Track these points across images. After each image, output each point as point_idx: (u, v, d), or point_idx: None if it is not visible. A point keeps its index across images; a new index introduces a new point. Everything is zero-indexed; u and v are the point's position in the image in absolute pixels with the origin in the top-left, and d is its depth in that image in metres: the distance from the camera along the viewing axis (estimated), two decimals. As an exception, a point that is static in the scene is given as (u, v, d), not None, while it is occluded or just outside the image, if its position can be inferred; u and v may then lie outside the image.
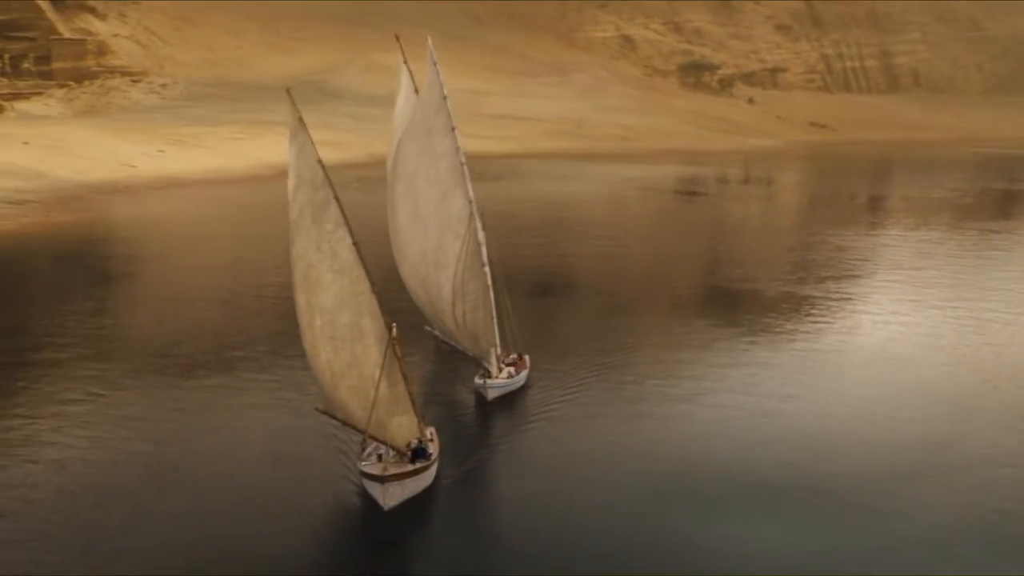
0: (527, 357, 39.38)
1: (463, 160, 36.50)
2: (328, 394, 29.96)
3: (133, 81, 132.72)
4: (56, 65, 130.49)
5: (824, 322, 49.02)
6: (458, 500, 29.34)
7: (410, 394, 29.56)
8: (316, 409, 30.71)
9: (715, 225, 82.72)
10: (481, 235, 36.88)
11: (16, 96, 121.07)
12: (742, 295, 54.67)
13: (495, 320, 37.62)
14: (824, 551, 26.42)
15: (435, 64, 36.25)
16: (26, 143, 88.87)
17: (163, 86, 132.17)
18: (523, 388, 37.73)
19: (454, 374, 39.15)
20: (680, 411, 36.01)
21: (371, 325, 28.84)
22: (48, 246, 61.82)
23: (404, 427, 29.73)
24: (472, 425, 35.06)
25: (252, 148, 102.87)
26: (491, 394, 36.41)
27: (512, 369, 37.99)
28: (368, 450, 29.73)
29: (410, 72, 38.08)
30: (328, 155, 34.79)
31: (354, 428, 29.66)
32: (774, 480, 30.33)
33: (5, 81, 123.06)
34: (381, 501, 27.95)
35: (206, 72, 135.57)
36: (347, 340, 29.12)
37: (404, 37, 40.16)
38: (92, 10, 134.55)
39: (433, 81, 36.43)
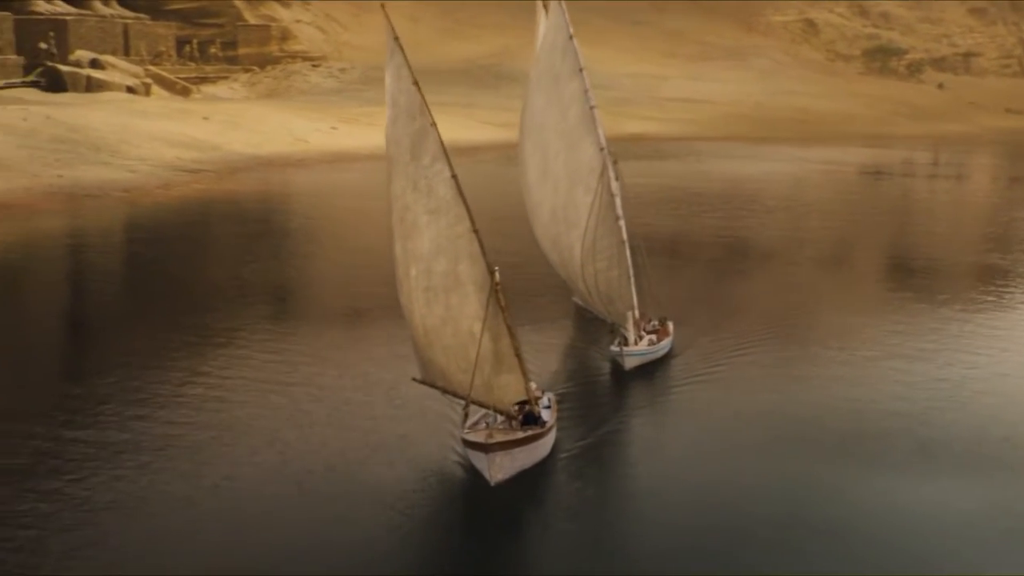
0: (670, 324, 34.92)
1: (593, 104, 32.48)
2: (424, 357, 25.96)
3: (313, 66, 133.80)
4: (241, 51, 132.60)
5: (1017, 293, 44.13)
6: (580, 477, 24.89)
7: (516, 349, 24.84)
8: (413, 379, 26.58)
9: (901, 202, 77.62)
10: (615, 186, 32.49)
11: (203, 80, 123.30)
12: (928, 266, 49.92)
13: (632, 280, 33.22)
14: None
15: (561, 3, 32.63)
16: (205, 118, 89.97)
17: (341, 70, 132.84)
18: (666, 357, 33.37)
19: (590, 342, 35.09)
20: (851, 377, 31.42)
21: (470, 271, 24.31)
22: (216, 208, 63.16)
23: (510, 387, 25.15)
24: (603, 396, 30.80)
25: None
26: (629, 363, 32.09)
27: (654, 337, 33.65)
28: (473, 419, 25.54)
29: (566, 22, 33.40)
30: (499, 135, 33.46)
31: (455, 395, 25.62)
32: (965, 448, 26.15)
33: (193, 66, 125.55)
34: (487, 474, 23.67)
35: (383, 57, 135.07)
36: (441, 291, 24.76)
37: (581, 23, 37.72)
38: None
39: (558, 23, 32.78)
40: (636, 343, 33.03)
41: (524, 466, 24.27)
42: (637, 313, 33.48)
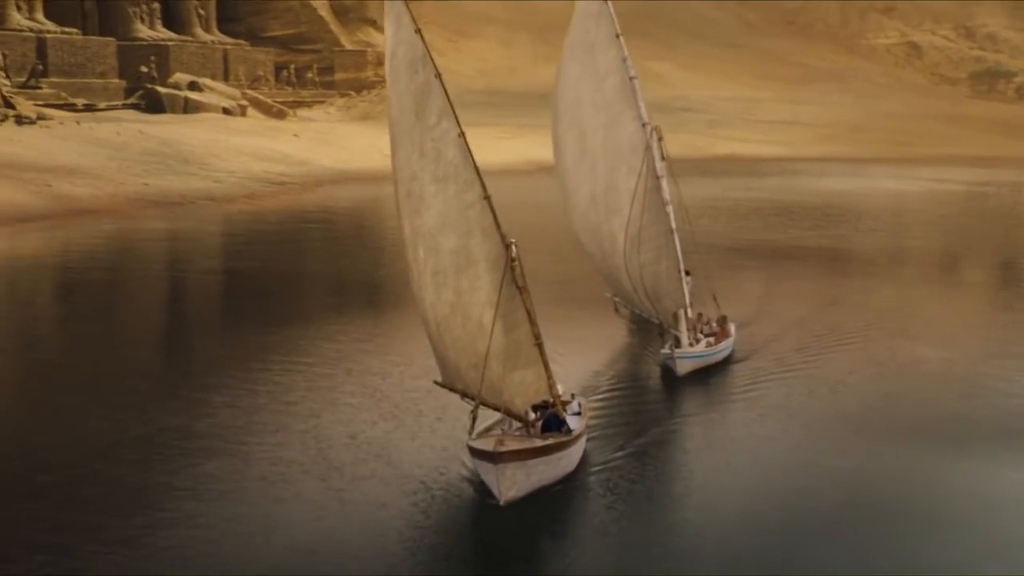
0: (732, 325, 31.36)
1: (633, 74, 29.25)
2: (438, 355, 22.26)
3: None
4: (338, 75, 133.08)
5: None
6: (610, 496, 20.70)
7: (536, 338, 20.79)
8: (435, 383, 23.09)
9: (1008, 217, 73.91)
10: (660, 166, 28.82)
11: (299, 104, 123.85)
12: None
13: (683, 273, 29.67)
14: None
15: None
16: (295, 135, 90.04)
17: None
18: (726, 361, 29.95)
19: (639, 345, 32.23)
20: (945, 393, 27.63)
21: (482, 246, 20.45)
22: (300, 215, 63.73)
23: (527, 386, 21.06)
24: (648, 403, 27.03)
25: (513, 146, 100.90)
26: (681, 368, 28.42)
27: (712, 339, 30.06)
28: (486, 425, 21.65)
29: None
30: None
31: (466, 396, 21.81)
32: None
33: (290, 90, 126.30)
34: (496, 490, 19.57)
35: (478, 81, 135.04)
36: (451, 272, 20.83)
37: (676, 47, 35.84)
38: (373, 23, 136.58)
39: None
40: (692, 345, 29.51)
41: (543, 482, 20.21)
42: (690, 311, 29.95)
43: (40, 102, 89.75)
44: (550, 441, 20.60)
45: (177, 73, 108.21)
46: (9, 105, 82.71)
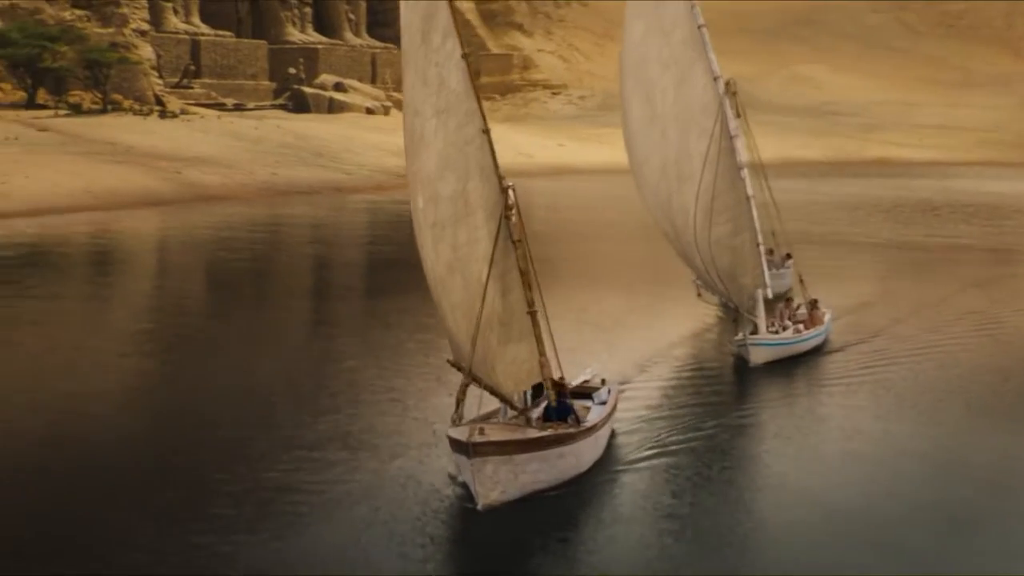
0: (827, 313, 27.92)
1: (702, 22, 26.04)
2: (443, 326, 19.07)
3: (553, 94, 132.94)
4: (484, 79, 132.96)
5: None
6: (626, 506, 16.96)
7: (529, 304, 17.62)
8: (447, 361, 19.47)
9: None
10: (734, 125, 25.53)
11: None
12: None
13: (760, 247, 26.11)
14: None
15: None
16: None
17: (581, 98, 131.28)
18: (815, 351, 26.57)
19: (711, 333, 29.29)
20: None
21: (480, 191, 17.56)
22: None
23: (519, 363, 17.83)
24: (705, 397, 23.14)
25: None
26: (755, 356, 24.90)
27: (800, 326, 26.60)
28: (485, 412, 17.98)
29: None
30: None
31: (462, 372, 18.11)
32: None
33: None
34: (473, 491, 16.22)
35: (615, 85, 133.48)
36: (449, 223, 17.86)
37: (832, 50, 33.28)
38: (520, 27, 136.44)
39: None
40: (779, 332, 26.13)
41: (539, 484, 16.66)
42: (769, 292, 26.27)
43: (191, 101, 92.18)
44: (547, 433, 17.08)
45: (323, 74, 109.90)
46: (160, 103, 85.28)
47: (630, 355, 26.33)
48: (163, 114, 76.75)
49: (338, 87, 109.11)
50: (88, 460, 18.96)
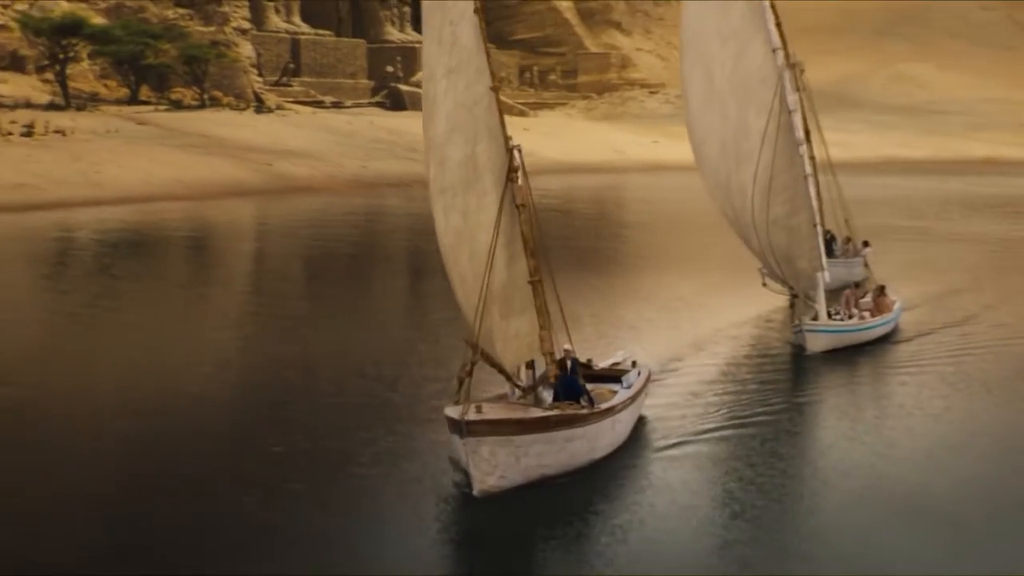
0: (896, 301, 26.21)
1: None
2: (457, 300, 17.91)
3: (651, 92, 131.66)
4: (581, 78, 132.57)
5: None
6: (651, 504, 15.40)
7: (532, 273, 16.56)
8: (465, 342, 17.60)
9: None
10: (792, 99, 24.19)
11: (541, 106, 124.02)
12: None
13: (818, 229, 24.75)
14: None
15: None
16: (526, 129, 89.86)
17: (678, 96, 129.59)
18: (881, 340, 25.00)
19: (772, 320, 27.91)
20: None
21: (488, 153, 16.60)
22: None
23: (521, 337, 16.80)
24: (751, 385, 21.68)
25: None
26: (812, 344, 23.52)
27: (866, 314, 25.14)
28: (498, 393, 17.02)
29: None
30: (835, 153, 28.32)
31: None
32: None
33: (532, 92, 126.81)
34: (470, 475, 15.07)
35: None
36: (459, 189, 16.98)
37: (939, 48, 32.14)
38: (618, 25, 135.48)
39: None
40: (844, 319, 24.64)
41: (546, 470, 15.47)
42: (827, 276, 24.75)
43: (290, 99, 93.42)
44: (552, 413, 15.77)
45: (420, 72, 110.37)
46: (259, 100, 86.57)
47: (685, 338, 25.48)
48: (259, 109, 77.83)
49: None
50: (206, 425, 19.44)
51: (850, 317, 25.43)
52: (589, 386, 17.23)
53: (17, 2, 79.13)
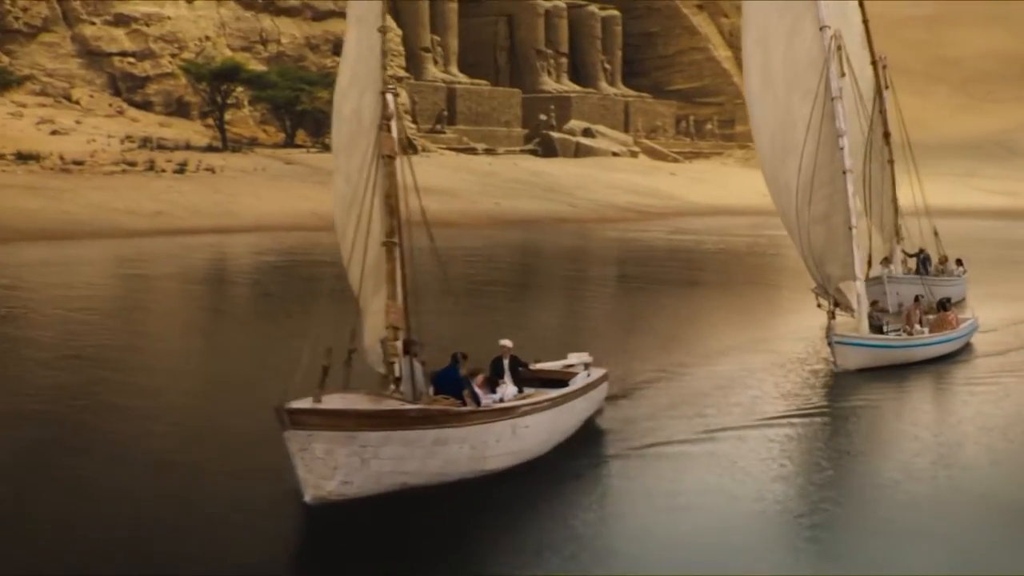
0: (970, 319, 23.50)
1: None
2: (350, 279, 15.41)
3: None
4: (738, 128, 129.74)
5: None
6: (539, 529, 12.45)
7: (388, 233, 14.18)
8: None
9: None
10: (837, 85, 21.51)
11: (696, 155, 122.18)
12: None
13: (854, 232, 21.79)
14: None
15: None
16: (673, 174, 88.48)
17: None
18: (938, 361, 21.71)
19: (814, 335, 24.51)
20: None
21: (371, 101, 14.62)
22: (655, 235, 61.53)
23: (378, 315, 14.39)
24: (746, 398, 19.02)
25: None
26: (843, 359, 20.46)
27: (925, 330, 22.12)
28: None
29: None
30: (995, 202, 26.08)
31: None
32: None
33: (688, 141, 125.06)
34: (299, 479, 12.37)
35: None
36: (344, 148, 15.28)
37: None
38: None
39: None
40: (902, 335, 21.55)
41: (408, 479, 12.70)
42: (859, 286, 21.88)
43: (443, 146, 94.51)
44: (412, 407, 12.91)
45: (573, 120, 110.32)
46: (411, 146, 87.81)
47: (705, 348, 23.60)
48: (404, 151, 78.75)
49: (586, 132, 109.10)
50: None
51: (909, 334, 22.65)
52: (529, 390, 14.99)
53: (186, 52, 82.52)
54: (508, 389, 15.11)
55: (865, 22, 24.45)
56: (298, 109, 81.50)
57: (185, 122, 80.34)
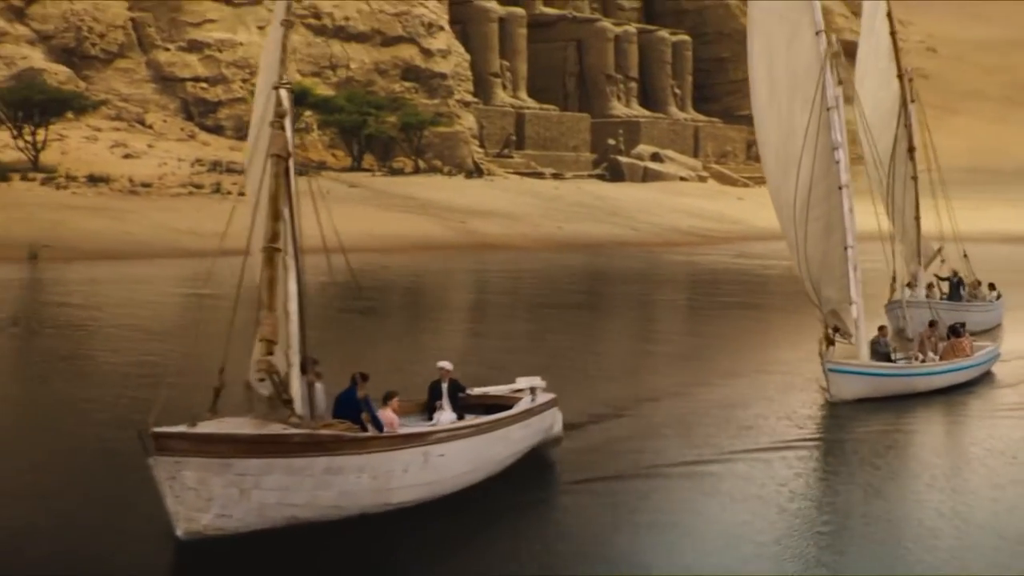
0: (988, 345, 22.13)
1: None
2: None
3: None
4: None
5: None
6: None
7: (270, 239, 12.94)
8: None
9: None
10: (832, 93, 20.61)
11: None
12: None
13: (850, 252, 20.46)
14: None
15: None
16: (740, 199, 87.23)
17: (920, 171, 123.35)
18: (949, 391, 20.21)
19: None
20: None
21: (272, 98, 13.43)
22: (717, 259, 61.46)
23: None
24: (715, 429, 17.86)
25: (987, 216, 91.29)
26: (837, 389, 19.19)
27: (935, 357, 20.69)
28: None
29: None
30: None
31: None
32: None
33: (758, 166, 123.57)
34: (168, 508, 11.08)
35: (962, 159, 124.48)
36: (255, 150, 14.01)
37: None
38: (848, 99, 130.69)
39: None
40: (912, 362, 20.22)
41: (295, 512, 11.50)
42: (855, 310, 20.41)
43: (511, 170, 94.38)
44: (297, 431, 11.54)
45: (641, 145, 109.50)
46: (479, 170, 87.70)
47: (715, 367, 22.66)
48: (470, 175, 78.62)
49: (655, 157, 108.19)
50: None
51: (922, 362, 21.28)
52: (470, 417, 13.97)
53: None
54: (445, 415, 14.15)
55: (893, 34, 23.38)
56: (365, 133, 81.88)
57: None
